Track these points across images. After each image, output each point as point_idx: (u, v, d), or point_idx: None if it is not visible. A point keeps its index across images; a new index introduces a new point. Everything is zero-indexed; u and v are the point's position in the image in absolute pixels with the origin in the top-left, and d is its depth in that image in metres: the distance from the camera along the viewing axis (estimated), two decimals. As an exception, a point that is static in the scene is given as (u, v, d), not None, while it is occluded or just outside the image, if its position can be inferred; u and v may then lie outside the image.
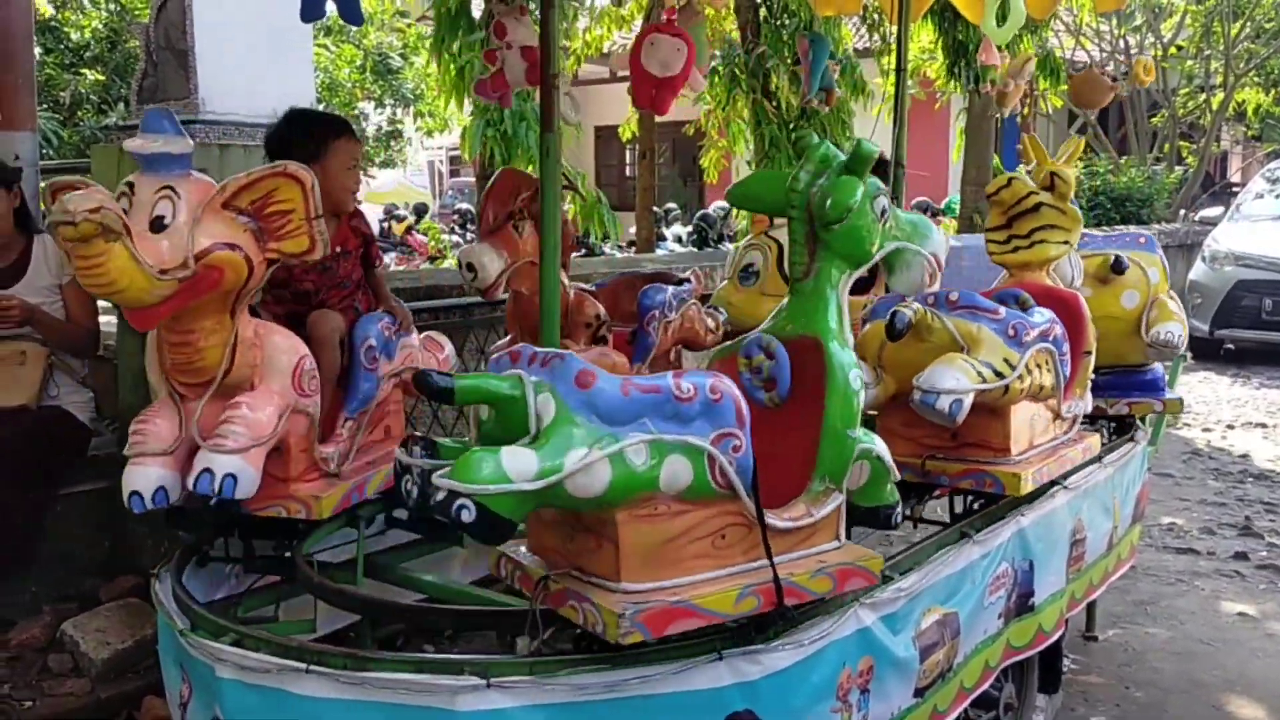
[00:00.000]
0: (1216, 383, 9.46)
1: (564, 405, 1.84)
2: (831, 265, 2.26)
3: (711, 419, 1.93)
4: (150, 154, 2.25)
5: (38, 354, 3.39)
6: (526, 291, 3.03)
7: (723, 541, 2.00)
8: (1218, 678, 3.83)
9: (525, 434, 1.84)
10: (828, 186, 2.21)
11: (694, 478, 1.91)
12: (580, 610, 1.93)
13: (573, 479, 1.81)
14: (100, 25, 9.96)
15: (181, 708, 2.20)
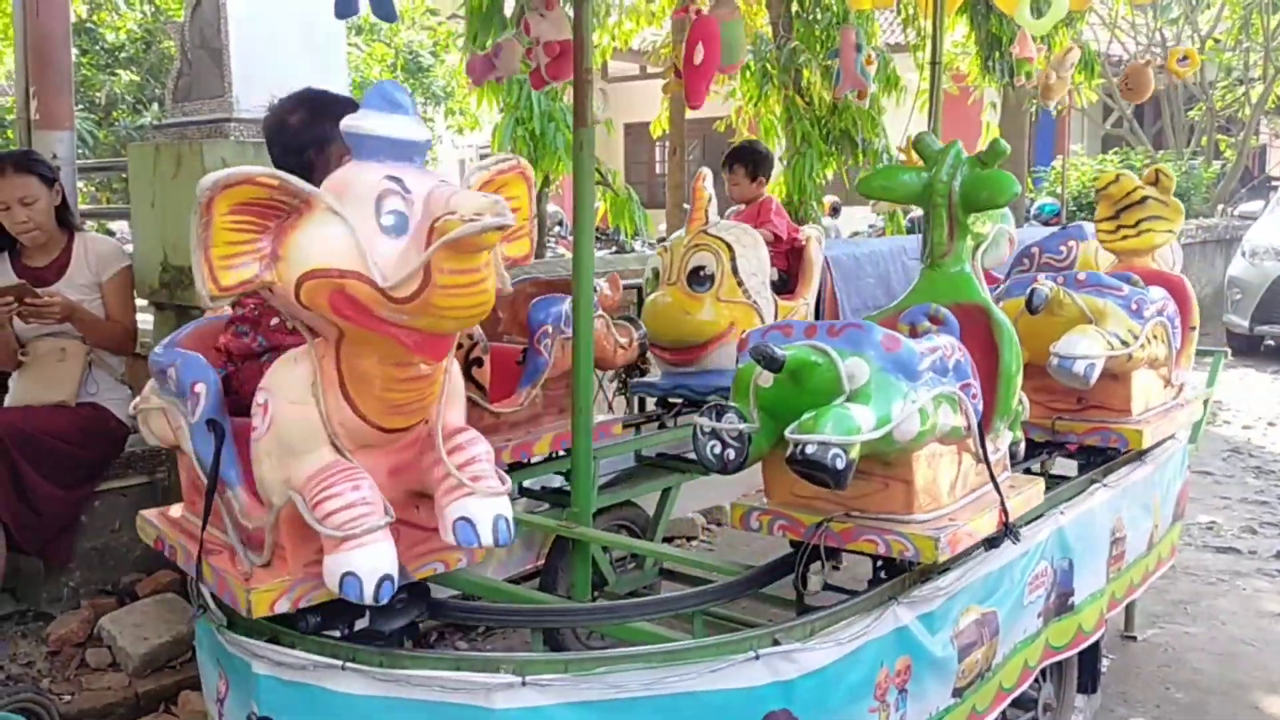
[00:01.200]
0: (1257, 379, 9.33)
1: (876, 367, 2.19)
2: (966, 244, 2.67)
3: (959, 373, 2.37)
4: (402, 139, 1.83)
5: (77, 351, 3.43)
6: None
7: (963, 474, 2.44)
8: (1259, 679, 3.77)
9: (830, 395, 2.15)
10: (977, 179, 2.58)
11: (954, 422, 2.30)
12: (882, 542, 2.27)
13: (898, 427, 2.14)
14: (135, 26, 10.06)
15: (218, 703, 2.21)
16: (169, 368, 2.14)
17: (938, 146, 2.71)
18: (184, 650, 3.24)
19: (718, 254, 3.66)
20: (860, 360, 2.20)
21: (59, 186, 3.57)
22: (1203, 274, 11.87)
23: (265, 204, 1.69)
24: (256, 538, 1.99)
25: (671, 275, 3.74)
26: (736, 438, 2.25)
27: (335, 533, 1.77)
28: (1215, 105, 16.64)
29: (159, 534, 2.38)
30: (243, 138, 3.62)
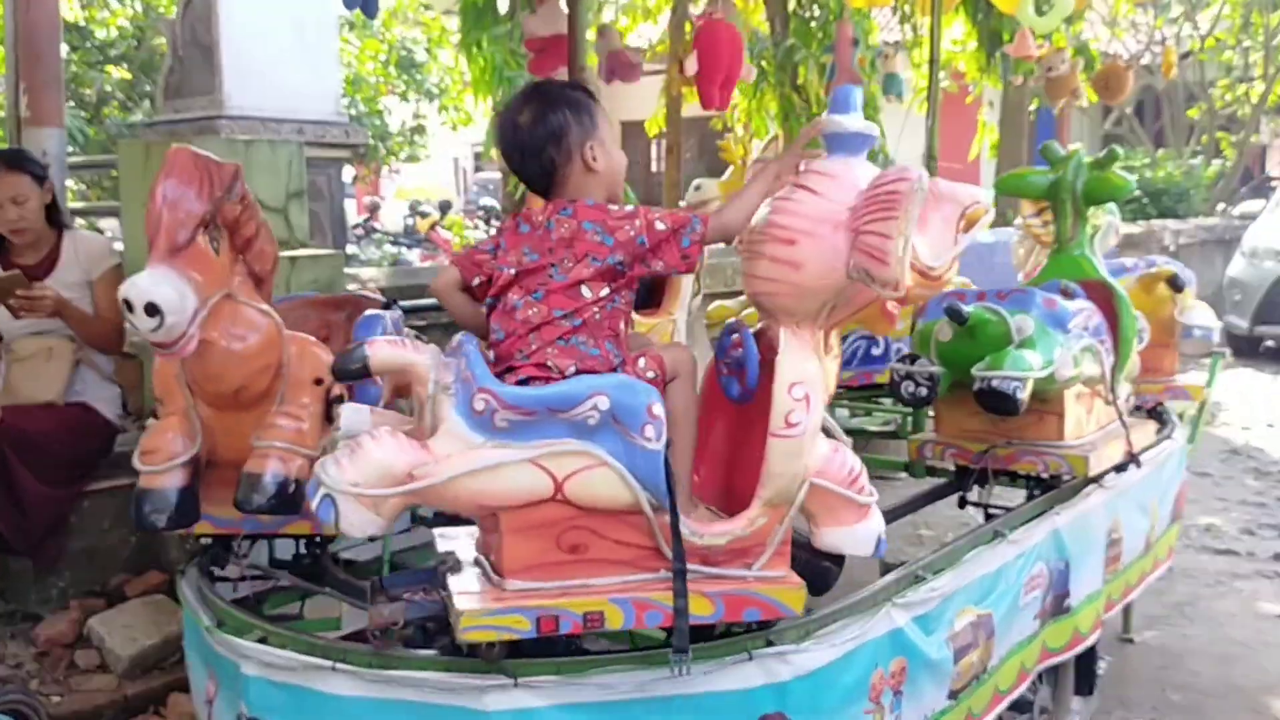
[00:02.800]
0: (1256, 380, 9.32)
1: (1039, 322, 2.86)
2: (1086, 232, 3.29)
3: (1097, 332, 3.02)
4: (848, 133, 2.05)
5: (64, 350, 3.41)
6: (223, 344, 2.18)
7: (1096, 413, 3.12)
8: (1257, 681, 3.75)
9: (1000, 346, 2.81)
10: (1099, 178, 3.23)
11: (1093, 370, 2.96)
12: (1041, 462, 2.97)
13: (1057, 369, 2.80)
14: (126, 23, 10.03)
15: (207, 704, 2.20)
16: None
17: (1063, 153, 3.31)
18: (173, 651, 3.22)
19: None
20: (1026, 317, 2.86)
21: (49, 184, 3.55)
22: (1202, 274, 11.83)
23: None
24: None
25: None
26: (928, 378, 2.95)
27: (869, 499, 2.03)
28: (1215, 104, 16.64)
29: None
30: (234, 135, 3.61)
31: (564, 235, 1.98)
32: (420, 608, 1.91)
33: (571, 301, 1.96)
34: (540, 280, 1.97)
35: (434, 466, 1.78)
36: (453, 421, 1.81)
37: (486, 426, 1.80)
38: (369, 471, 1.77)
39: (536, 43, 3.74)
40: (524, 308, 1.96)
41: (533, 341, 1.94)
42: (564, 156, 2.03)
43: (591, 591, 1.87)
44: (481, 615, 1.79)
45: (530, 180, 2.09)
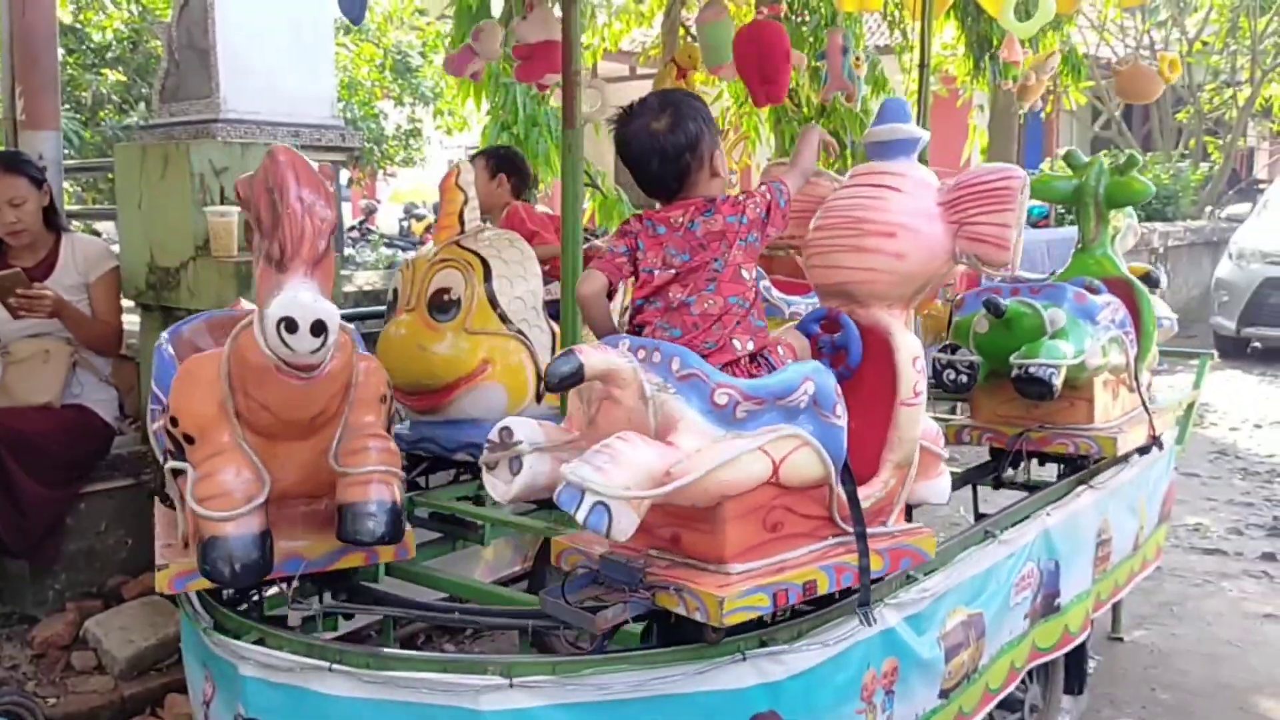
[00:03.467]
0: (1243, 381, 9.38)
1: (1071, 315, 3.13)
2: (1108, 232, 3.59)
3: (1122, 324, 3.33)
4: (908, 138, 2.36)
5: (61, 352, 3.42)
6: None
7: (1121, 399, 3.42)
8: (1245, 680, 3.79)
9: (1034, 337, 3.06)
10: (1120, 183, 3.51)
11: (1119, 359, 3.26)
12: (1072, 444, 3.20)
13: (1087, 358, 3.06)
14: (122, 26, 9.99)
15: (204, 705, 2.20)
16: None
17: (1085, 160, 3.60)
18: (170, 653, 3.23)
19: (467, 272, 2.92)
20: (1059, 310, 3.12)
21: (47, 187, 3.56)
22: (1190, 276, 11.93)
23: None
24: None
25: (410, 299, 2.96)
26: (969, 367, 3.18)
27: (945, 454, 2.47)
28: (1203, 108, 16.71)
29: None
30: (230, 138, 3.61)
31: (713, 231, 2.15)
32: (637, 605, 1.95)
33: (738, 286, 2.15)
34: (707, 275, 2.14)
35: (688, 463, 1.83)
36: (692, 418, 1.88)
37: (727, 419, 1.90)
38: (634, 474, 1.78)
39: (524, 49, 3.76)
40: (699, 302, 2.12)
41: (716, 330, 2.10)
42: (697, 163, 2.20)
43: (791, 565, 2.00)
44: (734, 599, 1.87)
45: (656, 182, 2.23)
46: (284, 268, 1.86)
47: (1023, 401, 3.17)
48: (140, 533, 3.62)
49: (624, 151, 2.25)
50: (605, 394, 1.93)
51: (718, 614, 1.85)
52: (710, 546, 1.95)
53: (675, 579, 1.93)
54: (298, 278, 1.86)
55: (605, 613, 1.90)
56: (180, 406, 1.99)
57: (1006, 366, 3.08)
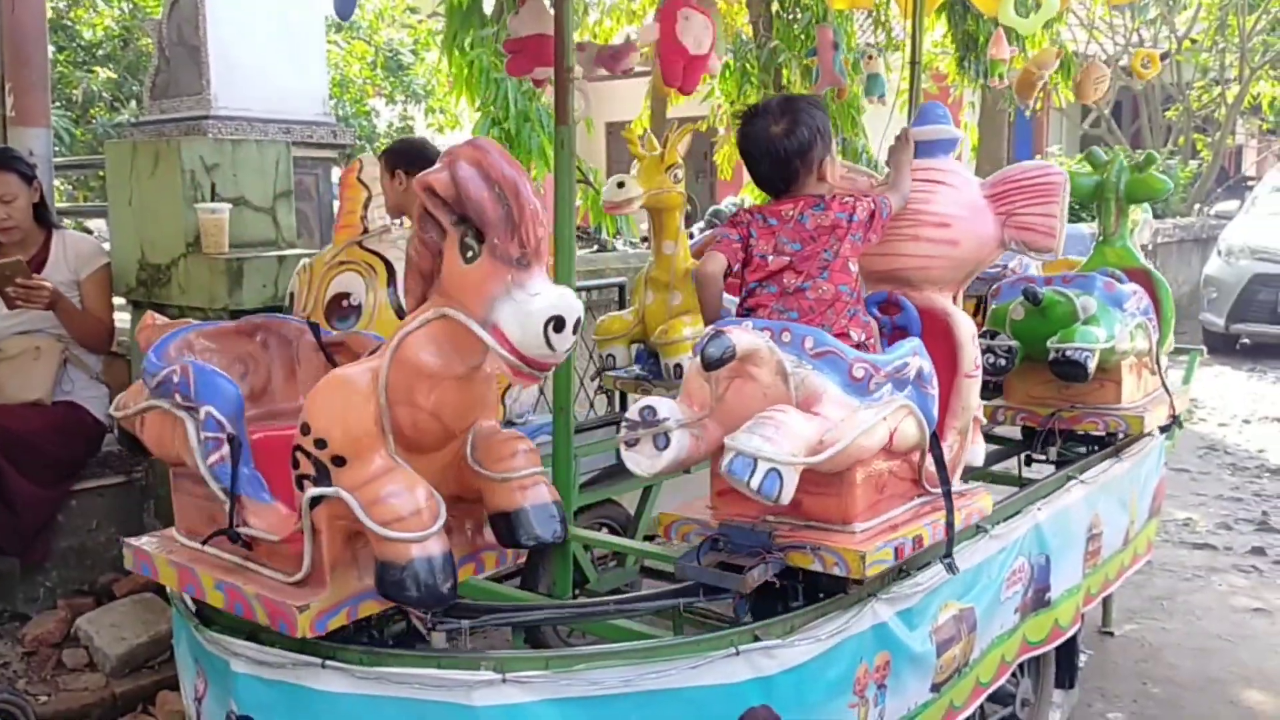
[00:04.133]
0: (1232, 377, 9.41)
1: (1101, 302, 3.34)
2: (1127, 225, 3.82)
3: (1147, 311, 3.55)
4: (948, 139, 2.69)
5: (52, 349, 3.41)
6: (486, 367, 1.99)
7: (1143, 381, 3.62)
8: (1235, 673, 3.81)
9: (1067, 324, 3.27)
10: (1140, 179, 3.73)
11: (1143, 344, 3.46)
12: (1101, 422, 3.44)
13: (1116, 342, 3.28)
14: (113, 23, 9.98)
15: (196, 703, 2.20)
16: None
17: (1106, 158, 3.82)
18: (162, 650, 3.22)
19: (368, 275, 2.69)
20: (1090, 298, 3.32)
21: (37, 183, 3.55)
22: (1179, 273, 11.97)
23: None
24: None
25: (307, 304, 2.76)
26: (1007, 351, 3.38)
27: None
28: (1192, 105, 16.77)
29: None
30: (221, 135, 3.61)
31: (823, 224, 2.39)
32: (775, 564, 2.11)
33: (847, 276, 2.39)
34: (819, 264, 2.37)
35: (837, 431, 2.04)
36: (834, 391, 2.11)
37: (863, 391, 2.13)
38: (797, 443, 1.99)
39: (514, 43, 3.75)
40: (813, 288, 2.36)
41: (830, 315, 2.35)
42: (805, 169, 2.42)
43: (899, 522, 2.25)
44: (872, 554, 2.09)
45: (765, 180, 2.48)
46: (526, 265, 1.77)
47: (1055, 383, 3.38)
48: (131, 530, 3.62)
49: (742, 147, 2.47)
50: (738, 372, 2.08)
51: (860, 567, 2.06)
52: (837, 508, 2.15)
53: (805, 539, 2.12)
54: (540, 275, 1.79)
55: (752, 572, 2.06)
56: (330, 427, 1.83)
57: (1039, 351, 3.31)
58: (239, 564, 2.02)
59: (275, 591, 1.92)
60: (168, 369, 2.01)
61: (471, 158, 1.76)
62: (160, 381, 2.02)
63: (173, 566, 2.11)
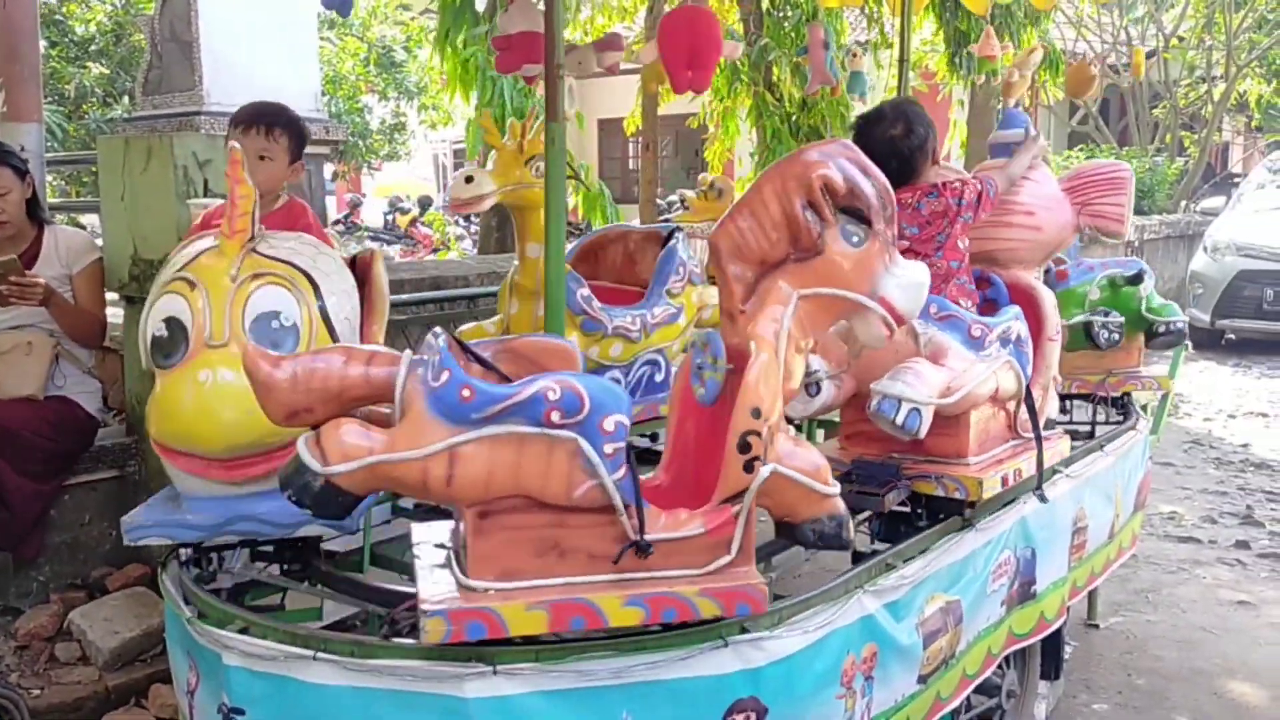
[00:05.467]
0: (1217, 373, 9.47)
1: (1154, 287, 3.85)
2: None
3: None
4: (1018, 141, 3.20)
5: (44, 344, 3.41)
6: None
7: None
8: (1219, 665, 3.85)
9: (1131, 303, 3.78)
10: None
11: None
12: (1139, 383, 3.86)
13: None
14: (105, 18, 9.95)
15: (189, 695, 2.20)
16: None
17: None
18: (155, 644, 3.23)
19: (294, 289, 2.30)
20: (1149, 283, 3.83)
21: (30, 179, 3.55)
22: (1165, 269, 12.02)
23: None
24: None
25: (214, 331, 2.23)
26: (1118, 328, 3.67)
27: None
28: (1179, 103, 16.84)
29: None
30: (213, 130, 3.62)
31: (937, 210, 2.83)
32: (904, 489, 2.60)
33: (957, 253, 2.86)
34: (934, 244, 2.82)
35: (960, 380, 2.54)
36: (957, 347, 2.62)
37: (979, 347, 2.66)
38: (933, 388, 2.46)
39: (502, 40, 3.76)
40: (930, 265, 2.57)
41: (944, 287, 2.77)
42: (924, 160, 2.87)
43: (1002, 458, 2.76)
44: (988, 480, 2.61)
45: (893, 175, 2.58)
46: (893, 245, 2.12)
47: (1093, 353, 3.74)
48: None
49: (864, 149, 2.49)
50: None
51: (977, 491, 2.58)
52: (953, 446, 2.66)
53: (929, 471, 2.64)
54: (898, 253, 2.14)
55: (889, 495, 2.54)
56: (770, 409, 1.96)
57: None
58: (622, 579, 1.91)
59: (713, 582, 1.94)
60: (533, 389, 1.80)
61: (851, 158, 2.08)
62: (516, 405, 1.80)
63: (540, 609, 1.86)
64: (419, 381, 1.79)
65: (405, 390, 1.79)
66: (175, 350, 2.25)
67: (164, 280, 2.34)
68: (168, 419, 2.25)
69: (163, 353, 2.27)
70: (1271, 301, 10.01)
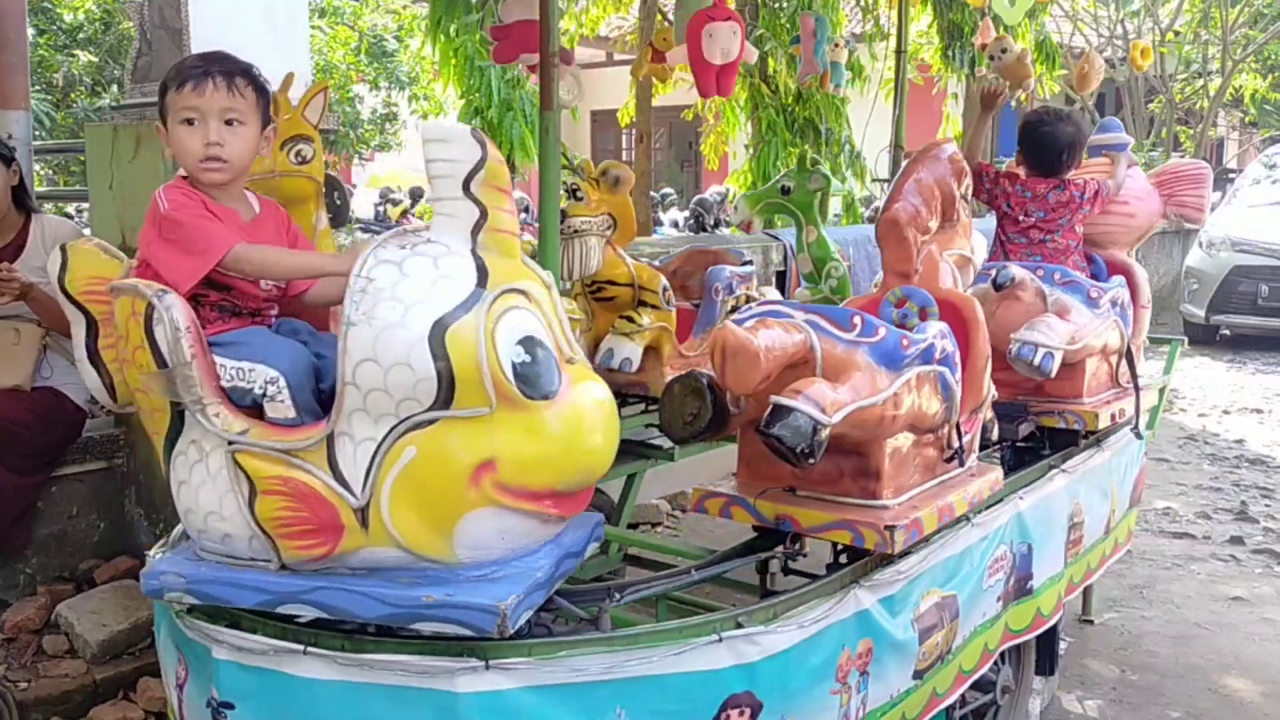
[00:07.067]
0: (1212, 368, 9.49)
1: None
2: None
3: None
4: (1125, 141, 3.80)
5: (32, 335, 3.37)
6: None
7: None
8: (1213, 661, 3.84)
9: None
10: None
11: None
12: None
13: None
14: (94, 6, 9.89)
15: (178, 689, 2.18)
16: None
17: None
18: (143, 637, 3.21)
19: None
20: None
21: (17, 166, 3.51)
22: (1160, 264, 12.04)
23: None
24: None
25: (562, 344, 1.97)
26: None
27: None
28: (1175, 98, 16.85)
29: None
30: (203, 119, 3.57)
31: (1062, 200, 3.53)
32: (1031, 423, 3.27)
33: (1074, 236, 3.58)
34: (1056, 226, 3.54)
35: (1081, 333, 3.15)
36: (1079, 306, 3.25)
37: (1095, 307, 3.30)
38: (1062, 337, 3.05)
39: (500, 30, 3.73)
40: (1051, 242, 3.54)
41: (1062, 260, 3.48)
42: (1066, 162, 3.59)
43: (1109, 401, 3.40)
44: (1102, 414, 3.32)
45: (1045, 165, 3.58)
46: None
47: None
48: (113, 516, 3.60)
49: (1030, 142, 3.62)
50: (1007, 295, 3.14)
51: (1094, 422, 3.26)
52: (1071, 388, 3.27)
53: (1051, 408, 3.26)
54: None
55: (1020, 426, 3.19)
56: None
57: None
58: (942, 481, 2.49)
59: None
60: (929, 337, 2.34)
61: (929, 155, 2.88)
62: (925, 350, 2.31)
63: (931, 511, 2.34)
64: (845, 340, 2.23)
65: (835, 350, 2.21)
66: (546, 375, 1.86)
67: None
68: (579, 454, 1.89)
69: (530, 382, 1.84)
70: (1266, 297, 10.03)
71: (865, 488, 2.29)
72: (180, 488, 1.97)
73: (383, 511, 1.81)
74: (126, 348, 1.97)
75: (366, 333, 1.76)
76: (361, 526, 1.83)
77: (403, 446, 1.78)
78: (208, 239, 2.01)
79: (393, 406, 1.77)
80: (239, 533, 1.90)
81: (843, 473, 2.30)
